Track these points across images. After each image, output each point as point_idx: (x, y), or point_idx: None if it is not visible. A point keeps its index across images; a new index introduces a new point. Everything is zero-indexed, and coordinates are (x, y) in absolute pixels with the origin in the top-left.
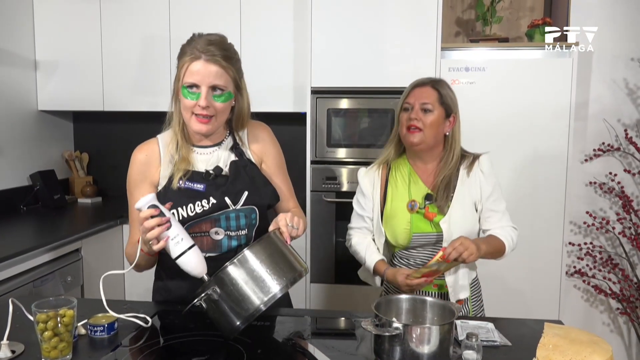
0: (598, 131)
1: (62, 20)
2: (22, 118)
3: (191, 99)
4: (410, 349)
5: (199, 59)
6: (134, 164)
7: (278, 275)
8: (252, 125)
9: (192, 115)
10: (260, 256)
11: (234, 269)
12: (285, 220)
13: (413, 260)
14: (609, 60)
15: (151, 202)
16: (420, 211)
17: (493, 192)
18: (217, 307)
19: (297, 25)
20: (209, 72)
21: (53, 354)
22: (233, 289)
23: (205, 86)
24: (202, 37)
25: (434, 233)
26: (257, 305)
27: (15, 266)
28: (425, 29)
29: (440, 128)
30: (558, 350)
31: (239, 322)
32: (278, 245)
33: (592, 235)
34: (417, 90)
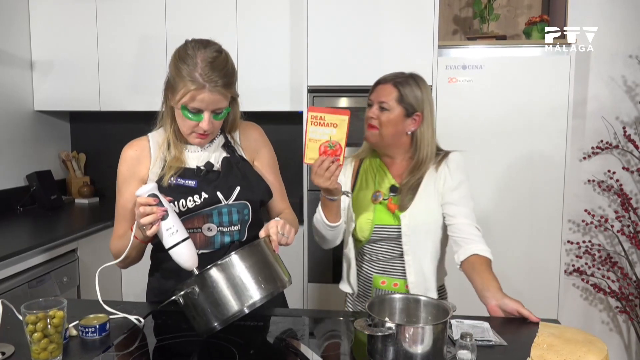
0: (596, 129)
1: (58, 20)
2: (19, 118)
3: (192, 119)
4: (403, 349)
5: (202, 89)
6: (124, 160)
7: (260, 284)
8: (243, 125)
9: (192, 132)
10: (246, 262)
11: (217, 271)
12: (277, 227)
13: (375, 255)
14: (607, 57)
15: (152, 191)
16: (384, 202)
17: (458, 187)
18: (196, 305)
19: (293, 24)
20: (212, 100)
21: (43, 355)
22: (213, 291)
23: (208, 112)
24: (199, 52)
25: (395, 226)
26: (235, 311)
27: (11, 267)
28: (423, 27)
29: (400, 127)
30: (553, 350)
31: (216, 324)
32: (266, 254)
33: (591, 233)
34: (378, 87)
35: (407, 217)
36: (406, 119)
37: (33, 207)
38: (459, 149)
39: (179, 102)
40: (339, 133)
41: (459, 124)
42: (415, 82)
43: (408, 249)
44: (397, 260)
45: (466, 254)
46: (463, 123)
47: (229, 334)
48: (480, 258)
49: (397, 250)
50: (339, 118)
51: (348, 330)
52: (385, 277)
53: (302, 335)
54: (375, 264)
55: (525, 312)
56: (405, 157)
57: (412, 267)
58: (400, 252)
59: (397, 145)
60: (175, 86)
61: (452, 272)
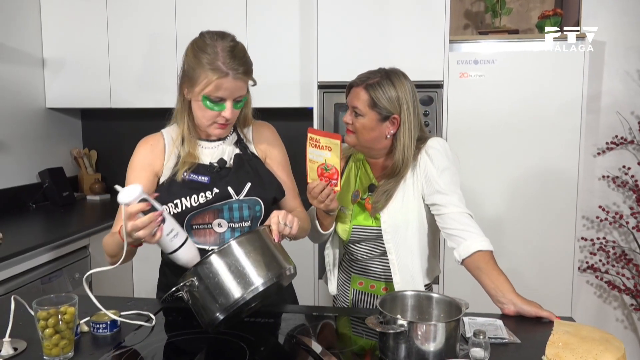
0: (611, 124)
1: (69, 17)
2: (31, 116)
3: (214, 109)
4: (415, 347)
5: (226, 76)
6: (139, 152)
7: (260, 270)
8: (256, 124)
9: (212, 123)
10: (244, 248)
11: (216, 258)
12: (278, 217)
13: (355, 255)
14: (622, 51)
15: (141, 196)
16: (361, 202)
17: (442, 173)
18: (198, 297)
19: (303, 20)
20: (235, 88)
21: (54, 351)
22: (213, 280)
23: (230, 100)
24: (217, 42)
25: (373, 227)
26: (236, 297)
27: (24, 263)
28: (433, 22)
29: (377, 132)
30: (568, 348)
31: (218, 314)
32: (265, 241)
33: (605, 230)
34: (352, 90)
35: (386, 215)
36: (383, 123)
37: (45, 203)
38: (471, 144)
39: (200, 93)
40: (334, 157)
41: (471, 119)
42: (390, 82)
43: (390, 247)
44: (377, 261)
45: (468, 251)
46: (475, 118)
47: (240, 331)
48: (483, 255)
49: (377, 250)
50: (332, 142)
51: (359, 328)
52: (364, 278)
53: (312, 332)
54: (354, 263)
55: (544, 314)
56: (387, 157)
57: (397, 267)
58: (381, 252)
59: (378, 149)
60: (194, 77)
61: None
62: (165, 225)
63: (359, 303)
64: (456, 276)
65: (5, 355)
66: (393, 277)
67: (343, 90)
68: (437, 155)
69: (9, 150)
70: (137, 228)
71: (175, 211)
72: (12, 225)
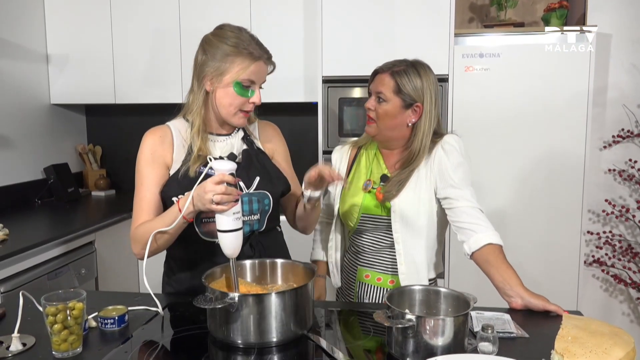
0: (617, 117)
1: (73, 14)
2: (35, 112)
3: (244, 95)
4: (423, 341)
5: (260, 59)
6: (147, 144)
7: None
8: (262, 123)
9: (238, 111)
10: (286, 302)
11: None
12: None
13: (361, 247)
14: (628, 44)
15: (233, 170)
16: (372, 191)
17: (456, 169)
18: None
19: (307, 14)
20: (264, 72)
21: (63, 346)
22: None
23: (258, 85)
24: (241, 32)
25: (383, 216)
26: (252, 342)
27: (30, 259)
28: (438, 15)
29: (399, 119)
30: (577, 343)
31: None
32: (306, 298)
33: (612, 223)
34: (377, 77)
35: (396, 204)
36: (405, 110)
37: (50, 199)
38: (476, 138)
39: (229, 79)
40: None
41: (476, 113)
42: (415, 71)
43: (398, 237)
44: (385, 252)
45: (478, 244)
46: (480, 112)
47: None
48: (492, 248)
49: (386, 241)
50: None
51: (367, 322)
52: (370, 270)
53: (321, 327)
54: (360, 255)
55: (552, 308)
56: (403, 148)
57: (403, 257)
58: (389, 243)
59: (397, 138)
60: (224, 65)
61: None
62: (238, 205)
63: (364, 296)
64: (461, 271)
65: (14, 351)
66: (398, 267)
67: (348, 85)
68: (453, 152)
69: (14, 146)
70: (220, 192)
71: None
72: (18, 221)
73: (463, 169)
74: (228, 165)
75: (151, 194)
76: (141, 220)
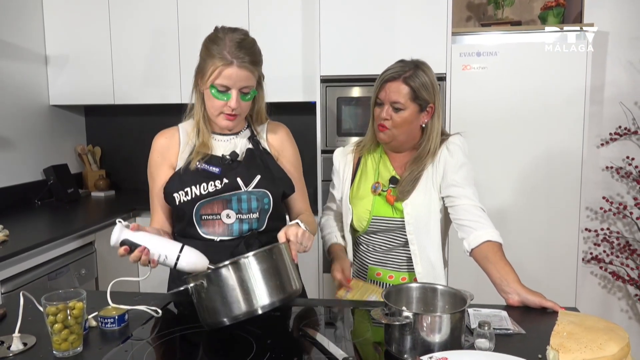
0: (614, 115)
1: (71, 14)
2: (35, 113)
3: (220, 99)
4: (421, 338)
5: (231, 65)
6: (155, 148)
7: (273, 290)
8: (272, 124)
9: (220, 113)
10: (262, 265)
11: (230, 269)
12: (296, 236)
13: (372, 246)
14: (626, 41)
15: (121, 238)
16: (382, 193)
17: (460, 169)
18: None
19: (305, 13)
20: (240, 77)
21: (64, 346)
22: (228, 288)
23: (236, 89)
24: (227, 35)
25: (395, 218)
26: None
27: (31, 259)
28: (436, 14)
29: (415, 123)
30: (573, 338)
31: (224, 319)
32: (284, 259)
33: (609, 220)
34: (388, 85)
35: (409, 206)
36: (420, 113)
37: (50, 200)
38: (474, 136)
39: (208, 82)
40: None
41: (474, 111)
42: (423, 72)
43: (413, 238)
44: (398, 252)
45: (477, 241)
46: (477, 110)
47: (247, 325)
48: (491, 245)
49: (398, 241)
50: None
51: (365, 320)
52: (381, 269)
53: (318, 325)
54: (372, 254)
55: (548, 304)
56: (412, 150)
57: (419, 257)
58: (401, 243)
59: (410, 140)
60: (205, 67)
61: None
62: (152, 253)
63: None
64: (460, 268)
65: (15, 351)
66: (415, 268)
67: (346, 84)
68: (458, 151)
69: (13, 147)
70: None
71: (185, 199)
72: (18, 222)
73: (466, 168)
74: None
75: (159, 197)
76: (155, 222)
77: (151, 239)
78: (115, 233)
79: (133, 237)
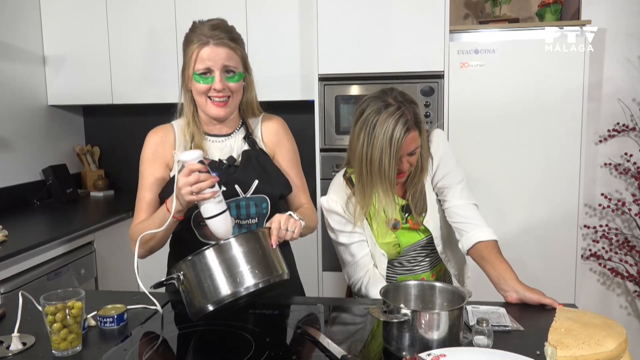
0: (612, 111)
1: (69, 14)
2: (33, 113)
3: (205, 83)
4: (419, 335)
5: (207, 44)
6: (149, 144)
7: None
8: (266, 117)
9: (207, 99)
10: (243, 247)
11: (213, 252)
12: (279, 222)
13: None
14: (623, 38)
15: (201, 157)
16: (405, 226)
17: (440, 164)
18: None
19: (303, 12)
20: (219, 56)
21: (63, 345)
22: (209, 273)
23: (218, 69)
24: (204, 23)
25: (423, 238)
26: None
27: (30, 259)
28: (433, 12)
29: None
30: (570, 334)
31: (208, 305)
32: (262, 243)
33: (608, 217)
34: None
35: (430, 222)
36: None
37: (49, 200)
38: (472, 134)
39: (191, 70)
40: None
41: (472, 109)
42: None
43: (442, 248)
44: (425, 259)
45: (470, 242)
46: (476, 108)
47: (245, 323)
48: (485, 245)
49: (425, 251)
50: None
51: (363, 317)
52: (410, 275)
53: (318, 323)
54: (398, 269)
55: (547, 301)
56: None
57: (452, 260)
58: (428, 252)
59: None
60: (185, 58)
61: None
62: (216, 189)
63: None
64: None
65: (14, 350)
66: (451, 271)
67: (344, 82)
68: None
69: (12, 148)
70: (189, 183)
71: None
72: (17, 222)
73: (446, 160)
74: (193, 154)
75: (151, 194)
76: (139, 220)
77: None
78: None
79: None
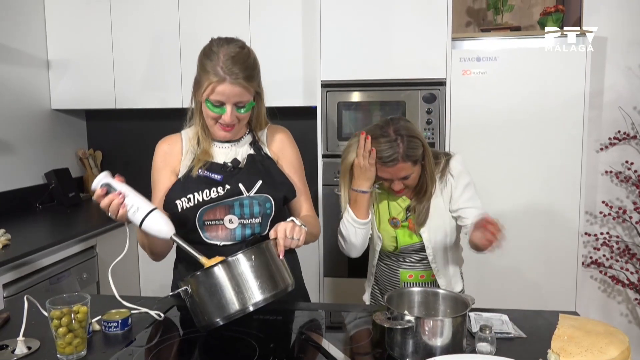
0: (613, 119)
1: (73, 19)
2: (36, 117)
3: (216, 112)
4: (422, 342)
5: (224, 81)
6: (158, 154)
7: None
8: (272, 127)
9: (216, 123)
10: (251, 262)
11: (221, 269)
12: (285, 231)
13: (395, 258)
14: (624, 46)
15: (103, 181)
16: (404, 224)
17: (464, 191)
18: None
19: (305, 18)
20: (234, 93)
21: (68, 350)
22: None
23: (230, 104)
24: (222, 48)
25: (417, 242)
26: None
27: (32, 263)
28: (436, 19)
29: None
30: (573, 342)
31: (218, 319)
32: (271, 255)
33: (609, 225)
34: (389, 168)
35: (426, 233)
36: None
37: (52, 204)
38: (474, 141)
39: (203, 95)
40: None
41: (474, 116)
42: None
43: (433, 258)
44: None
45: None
46: (477, 115)
47: (249, 328)
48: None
49: (419, 256)
50: None
51: (367, 324)
52: (412, 271)
53: (321, 329)
54: (400, 262)
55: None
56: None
57: (441, 272)
58: (422, 258)
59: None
60: (200, 81)
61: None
62: (126, 201)
63: None
64: None
65: (19, 354)
66: (439, 281)
67: (346, 89)
68: (460, 175)
69: (15, 151)
70: (105, 208)
71: (188, 205)
72: (19, 226)
73: (470, 187)
74: (97, 179)
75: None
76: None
77: (130, 191)
78: (99, 178)
79: (114, 184)
